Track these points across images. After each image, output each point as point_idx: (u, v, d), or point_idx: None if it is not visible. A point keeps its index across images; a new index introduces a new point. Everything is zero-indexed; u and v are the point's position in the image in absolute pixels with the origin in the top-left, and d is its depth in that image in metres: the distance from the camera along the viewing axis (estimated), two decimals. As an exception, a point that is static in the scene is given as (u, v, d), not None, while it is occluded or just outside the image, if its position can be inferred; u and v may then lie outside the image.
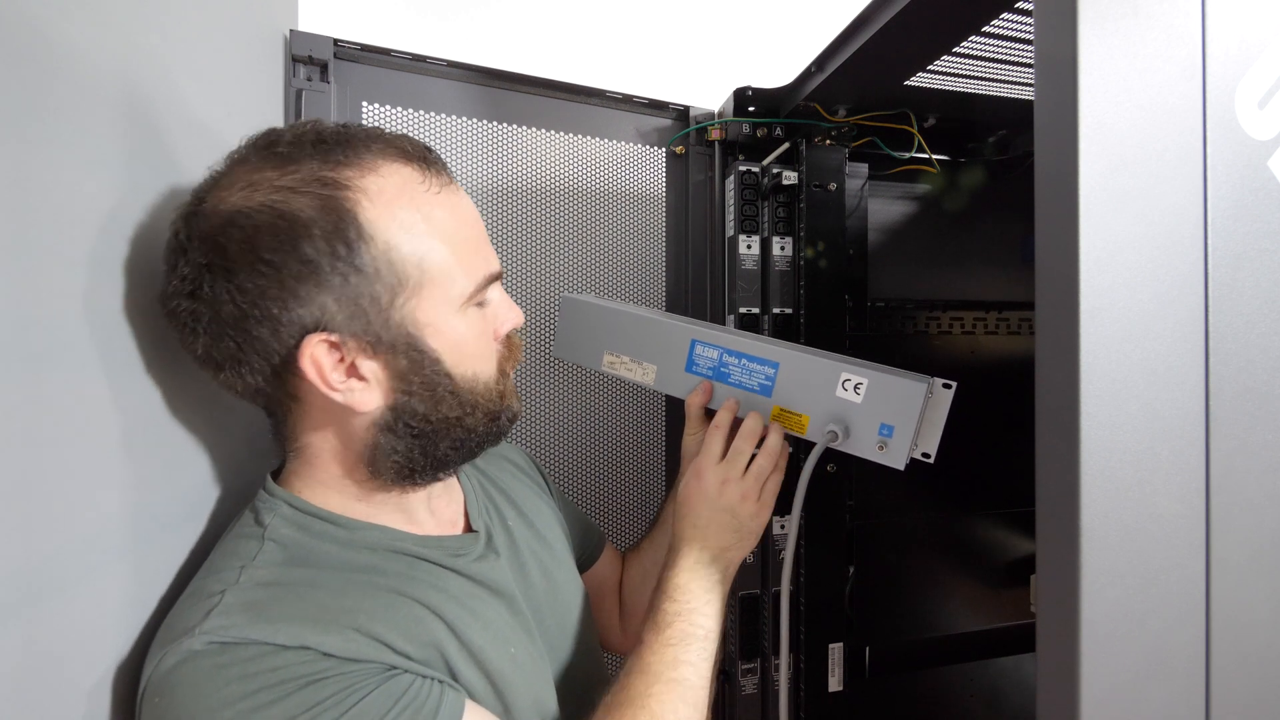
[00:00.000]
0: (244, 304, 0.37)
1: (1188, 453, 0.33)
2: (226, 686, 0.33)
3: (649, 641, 0.49)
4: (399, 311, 0.40)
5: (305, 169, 0.38)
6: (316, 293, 0.38)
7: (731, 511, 0.55)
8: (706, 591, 0.52)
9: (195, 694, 0.33)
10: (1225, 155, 0.34)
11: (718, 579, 0.53)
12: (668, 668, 0.47)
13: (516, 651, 0.47)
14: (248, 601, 0.36)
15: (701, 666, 0.48)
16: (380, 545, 0.44)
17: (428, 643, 0.40)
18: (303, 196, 0.37)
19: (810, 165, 0.78)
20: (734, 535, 0.55)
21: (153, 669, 0.34)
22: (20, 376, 0.29)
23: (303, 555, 0.41)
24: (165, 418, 0.42)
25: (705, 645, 0.49)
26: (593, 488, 0.83)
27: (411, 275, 0.40)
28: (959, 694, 0.87)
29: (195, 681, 0.33)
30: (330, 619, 0.37)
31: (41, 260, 0.31)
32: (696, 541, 0.55)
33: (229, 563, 0.39)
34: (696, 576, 0.53)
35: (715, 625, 0.51)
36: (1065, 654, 0.32)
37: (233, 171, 0.39)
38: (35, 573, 0.30)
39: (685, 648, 0.48)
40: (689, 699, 0.46)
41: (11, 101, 0.29)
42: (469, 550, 0.48)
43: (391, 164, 0.40)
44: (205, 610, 0.35)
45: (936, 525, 0.86)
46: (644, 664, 0.47)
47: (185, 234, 0.38)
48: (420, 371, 0.41)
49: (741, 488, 0.56)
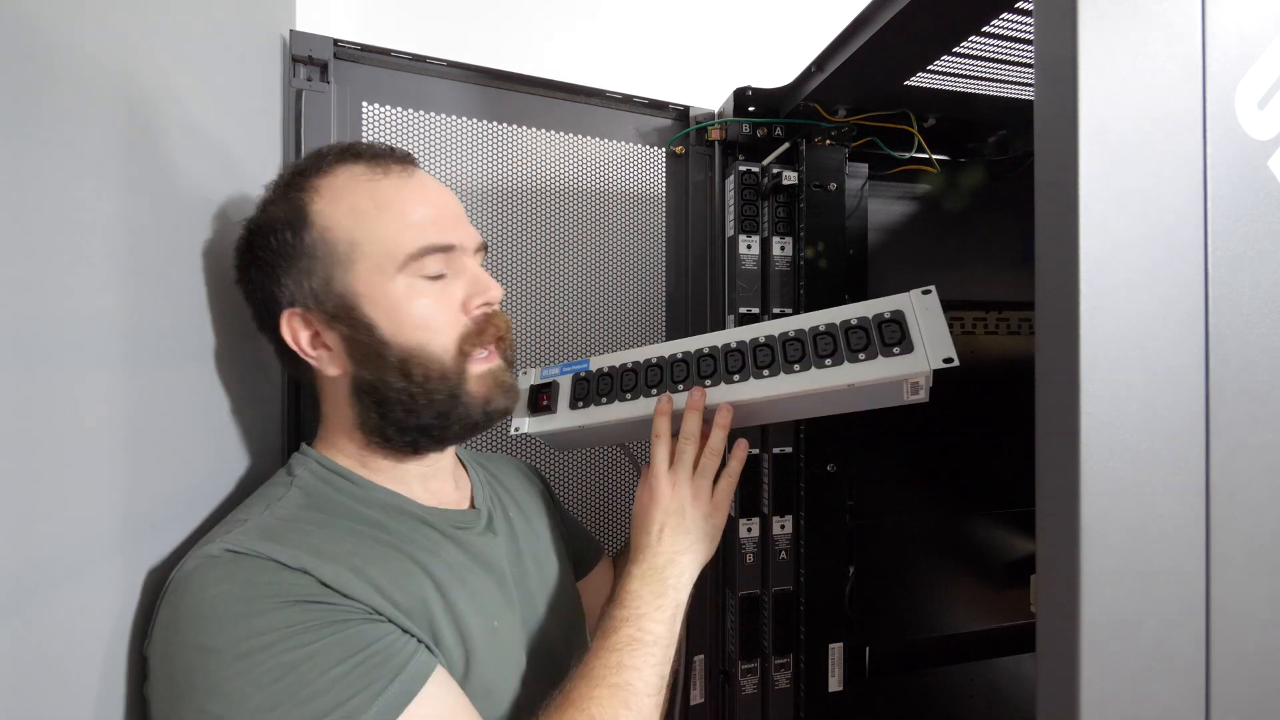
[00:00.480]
0: (256, 292, 0.49)
1: (1188, 453, 0.33)
2: (232, 587, 0.37)
3: (595, 647, 0.48)
4: (340, 283, 0.46)
5: (283, 185, 0.49)
6: (286, 275, 0.47)
7: (682, 513, 0.55)
8: (657, 597, 0.51)
9: (203, 588, 0.38)
10: (1225, 155, 0.34)
11: (670, 584, 0.52)
12: (611, 672, 0.46)
13: (500, 625, 0.48)
14: (265, 527, 0.42)
15: (647, 673, 0.47)
16: (390, 505, 0.48)
17: (415, 595, 0.43)
18: (277, 205, 0.48)
19: (810, 165, 0.78)
20: (687, 538, 0.54)
21: (176, 570, 0.39)
22: (18, 376, 0.29)
23: (320, 503, 0.46)
24: (164, 417, 0.42)
25: (653, 651, 0.48)
26: (594, 498, 0.83)
27: (344, 250, 0.46)
28: (959, 694, 0.87)
29: (205, 580, 0.38)
30: (329, 554, 0.41)
31: (39, 260, 0.31)
32: (649, 548, 0.54)
33: (259, 502, 0.45)
34: (647, 583, 0.52)
35: (666, 631, 0.50)
36: (1065, 654, 0.32)
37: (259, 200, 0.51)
38: (29, 570, 0.30)
39: (631, 653, 0.47)
40: (632, 704, 0.45)
41: (11, 101, 0.29)
42: (470, 525, 0.52)
43: (343, 164, 0.48)
44: (228, 530, 0.41)
45: (936, 525, 0.86)
46: (588, 668, 0.46)
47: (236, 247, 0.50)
48: (359, 338, 0.47)
49: (692, 488, 0.55)
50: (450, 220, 0.49)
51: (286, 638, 0.36)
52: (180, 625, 0.37)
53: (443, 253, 0.48)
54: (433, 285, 0.47)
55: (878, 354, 0.52)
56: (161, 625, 0.38)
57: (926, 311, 0.52)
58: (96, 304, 0.35)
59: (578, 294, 0.81)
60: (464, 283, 0.49)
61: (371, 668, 0.37)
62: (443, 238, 0.48)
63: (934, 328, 0.51)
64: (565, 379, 0.63)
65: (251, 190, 0.58)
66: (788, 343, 0.55)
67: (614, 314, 0.83)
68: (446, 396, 0.48)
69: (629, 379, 0.60)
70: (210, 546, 0.39)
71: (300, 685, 0.35)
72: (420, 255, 0.46)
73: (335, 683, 0.36)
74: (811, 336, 0.55)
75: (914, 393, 0.51)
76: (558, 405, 0.62)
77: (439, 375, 0.47)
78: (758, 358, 0.56)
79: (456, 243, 0.48)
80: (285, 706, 0.35)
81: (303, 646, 0.36)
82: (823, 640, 0.79)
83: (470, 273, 0.49)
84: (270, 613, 0.37)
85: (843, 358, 0.53)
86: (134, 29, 0.40)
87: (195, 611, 0.37)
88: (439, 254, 0.47)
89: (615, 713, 0.44)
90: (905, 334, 0.51)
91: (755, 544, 0.80)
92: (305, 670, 0.36)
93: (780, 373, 0.55)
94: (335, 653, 0.37)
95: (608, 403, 0.60)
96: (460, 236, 0.49)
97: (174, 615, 0.37)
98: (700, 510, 0.55)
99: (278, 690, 0.35)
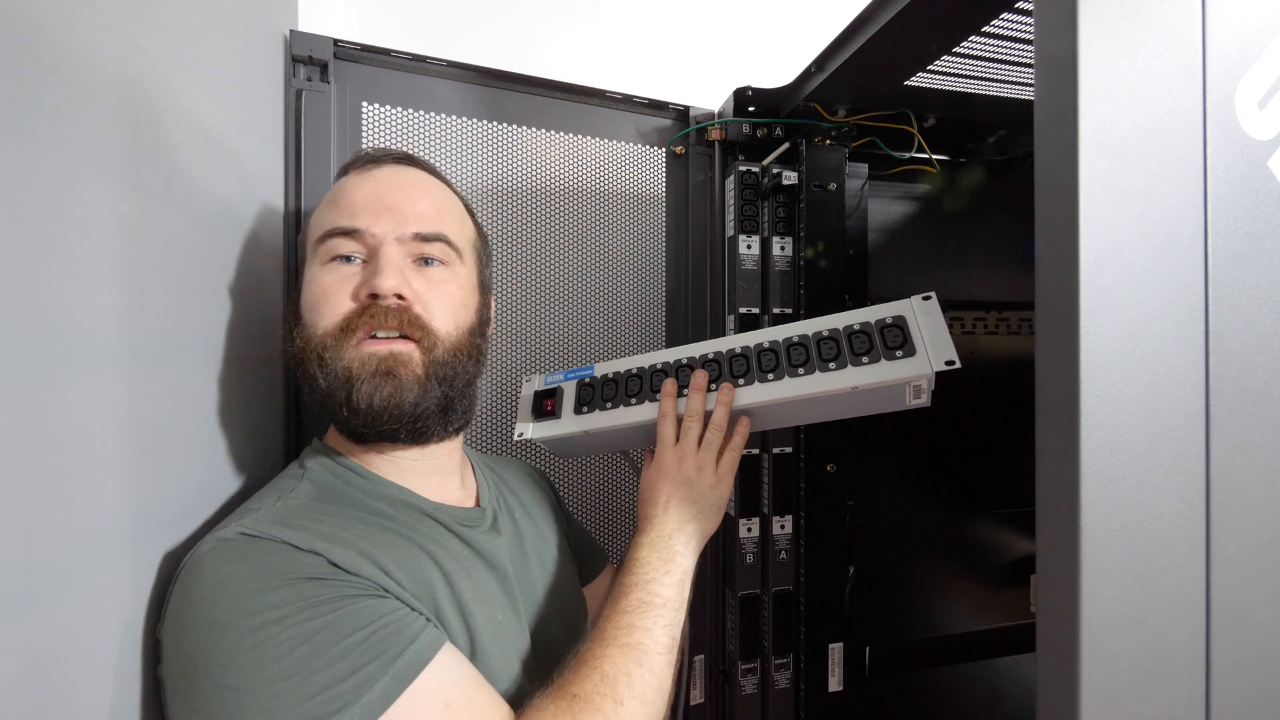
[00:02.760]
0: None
1: (1188, 453, 0.33)
2: (244, 566, 0.38)
3: (607, 613, 0.49)
4: (304, 271, 0.51)
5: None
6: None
7: (689, 484, 0.56)
8: (665, 563, 0.52)
9: (216, 569, 0.38)
10: (1225, 155, 0.34)
11: (677, 550, 0.54)
12: (622, 633, 0.47)
13: (503, 619, 0.49)
14: (277, 514, 0.43)
15: (658, 633, 0.48)
16: (397, 499, 0.49)
17: (421, 580, 0.44)
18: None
19: (810, 165, 0.78)
20: (694, 508, 0.56)
21: (189, 555, 0.40)
22: (20, 377, 0.29)
23: (329, 495, 0.48)
24: (166, 417, 0.42)
25: (662, 613, 0.49)
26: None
27: (304, 242, 0.51)
28: (959, 694, 0.87)
29: (218, 562, 0.39)
30: (339, 538, 0.42)
31: (41, 260, 0.31)
32: (656, 519, 0.55)
33: (271, 493, 0.47)
34: (655, 550, 0.53)
35: (675, 595, 0.51)
36: (1065, 654, 0.32)
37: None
38: (35, 571, 0.30)
39: (641, 614, 0.49)
40: (644, 662, 0.46)
41: (11, 101, 0.29)
42: (475, 523, 0.53)
43: (344, 173, 0.52)
44: (241, 517, 0.42)
45: (936, 525, 0.86)
46: (600, 632, 0.48)
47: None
48: (294, 315, 0.50)
49: (697, 460, 0.57)
50: (371, 207, 0.48)
51: (300, 609, 0.37)
52: (193, 604, 0.37)
53: (347, 236, 0.48)
54: (340, 269, 0.48)
55: (880, 357, 0.52)
56: (174, 607, 0.38)
57: (927, 316, 0.52)
58: (103, 304, 0.35)
59: (578, 294, 0.81)
60: (368, 270, 0.48)
61: (385, 636, 0.38)
62: (348, 221, 0.48)
63: (935, 332, 0.51)
64: (570, 385, 0.63)
65: (252, 190, 0.58)
66: (791, 347, 0.56)
67: (614, 314, 0.83)
68: (325, 380, 0.47)
69: (634, 384, 0.61)
70: (224, 530, 0.40)
71: (316, 654, 0.36)
72: (325, 237, 0.48)
73: (350, 651, 0.37)
74: (815, 341, 0.55)
75: (916, 397, 0.52)
76: (562, 410, 0.62)
77: (316, 358, 0.47)
78: (762, 362, 0.57)
79: (363, 227, 0.47)
80: (302, 674, 0.35)
81: (317, 618, 0.37)
82: (823, 640, 0.79)
83: (377, 260, 0.47)
84: (283, 588, 0.38)
85: (846, 361, 0.53)
86: (134, 29, 0.40)
87: (208, 590, 0.38)
88: (343, 237, 0.48)
89: (628, 669, 0.45)
90: (907, 338, 0.52)
91: (755, 544, 0.80)
92: (320, 640, 0.36)
93: (785, 376, 0.55)
94: (350, 623, 0.37)
95: (612, 407, 0.60)
96: (373, 222, 0.48)
97: (186, 595, 0.38)
98: (706, 481, 0.57)
99: (293, 660, 0.36)
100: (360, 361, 0.46)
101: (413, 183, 0.52)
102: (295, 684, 0.35)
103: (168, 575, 0.41)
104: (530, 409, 0.64)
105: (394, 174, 0.51)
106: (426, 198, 0.51)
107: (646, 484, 0.58)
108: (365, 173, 0.51)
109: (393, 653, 0.37)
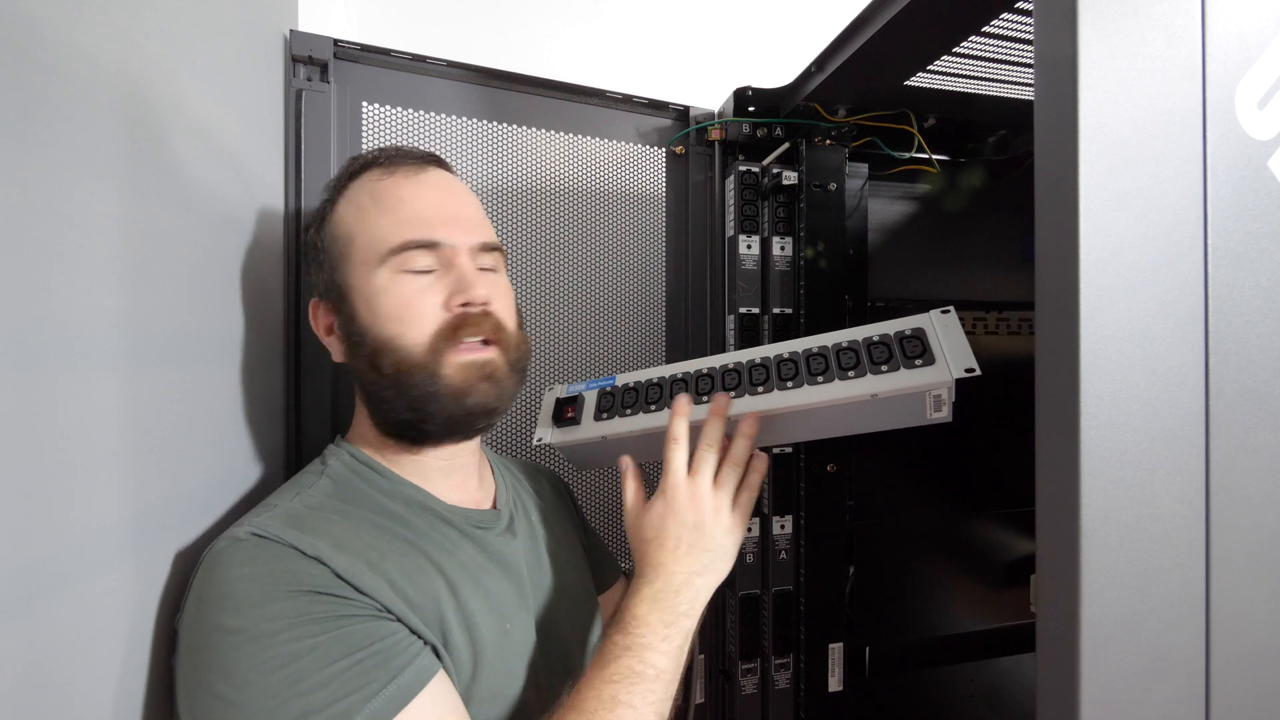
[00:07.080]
0: (306, 283, 0.56)
1: (1188, 453, 0.33)
2: (253, 570, 0.39)
3: (590, 676, 0.44)
4: (339, 275, 0.50)
5: (327, 189, 0.54)
6: (312, 267, 0.53)
7: (701, 529, 0.50)
8: (665, 626, 0.46)
9: (228, 569, 0.39)
10: (1225, 155, 0.34)
11: (682, 611, 0.47)
12: (604, 709, 0.41)
13: (513, 628, 0.48)
14: (291, 513, 0.44)
15: (644, 711, 0.42)
16: (414, 501, 0.49)
17: (427, 593, 0.44)
18: (317, 206, 0.54)
19: (810, 165, 0.78)
20: (706, 557, 0.50)
21: (207, 549, 0.41)
22: (19, 377, 0.29)
23: (348, 494, 0.48)
24: (166, 417, 0.42)
25: (653, 687, 0.43)
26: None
27: (344, 244, 0.50)
28: (959, 694, 0.87)
29: (230, 562, 0.40)
30: (348, 545, 0.42)
31: (41, 260, 0.31)
32: (664, 566, 0.49)
33: (291, 488, 0.48)
34: (657, 607, 0.47)
35: (671, 665, 0.45)
36: (1065, 654, 0.32)
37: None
38: (35, 570, 0.30)
39: (628, 687, 0.43)
40: None
41: (11, 102, 0.29)
42: (491, 525, 0.52)
43: (366, 168, 0.52)
44: (258, 514, 0.43)
45: (936, 525, 0.86)
46: (579, 701, 0.42)
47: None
48: (345, 326, 0.49)
49: (714, 502, 0.51)
50: (443, 218, 0.49)
51: (293, 626, 0.37)
52: (204, 604, 0.39)
53: (426, 249, 0.48)
54: (416, 280, 0.48)
55: (900, 366, 0.52)
56: (190, 601, 0.39)
57: (946, 328, 0.53)
58: (103, 304, 0.35)
59: (578, 293, 0.81)
60: (449, 280, 0.48)
61: (370, 668, 0.38)
62: (426, 234, 0.48)
63: (954, 341, 0.52)
64: (591, 393, 0.64)
65: (252, 190, 0.58)
66: (811, 357, 0.56)
67: (614, 314, 0.83)
68: (421, 390, 0.47)
69: (654, 392, 0.61)
70: (239, 529, 0.41)
71: (300, 677, 0.36)
72: (401, 250, 0.47)
73: (333, 679, 0.36)
74: (835, 351, 0.55)
75: (937, 409, 0.51)
76: (582, 417, 0.63)
77: (409, 368, 0.47)
78: (781, 371, 0.56)
79: (442, 240, 0.48)
80: (283, 696, 0.36)
81: (307, 639, 0.37)
82: (823, 640, 0.79)
83: (457, 271, 0.48)
84: (282, 600, 0.38)
85: (865, 370, 0.53)
86: (134, 29, 0.40)
87: (218, 591, 0.38)
88: (422, 250, 0.48)
89: None
90: (926, 347, 0.52)
91: (755, 544, 0.80)
92: (306, 663, 0.37)
93: (804, 384, 0.55)
94: (336, 649, 0.37)
95: (632, 414, 0.61)
96: (449, 234, 0.49)
97: (201, 593, 0.39)
98: (721, 525, 0.51)
99: (278, 679, 0.36)
100: (462, 368, 0.48)
101: (461, 189, 0.53)
102: (275, 705, 0.35)
103: (184, 570, 0.42)
104: (551, 415, 0.64)
105: (443, 179, 0.52)
106: (473, 204, 0.53)
107: (651, 520, 0.52)
108: (414, 178, 0.51)
109: (375, 685, 0.37)
